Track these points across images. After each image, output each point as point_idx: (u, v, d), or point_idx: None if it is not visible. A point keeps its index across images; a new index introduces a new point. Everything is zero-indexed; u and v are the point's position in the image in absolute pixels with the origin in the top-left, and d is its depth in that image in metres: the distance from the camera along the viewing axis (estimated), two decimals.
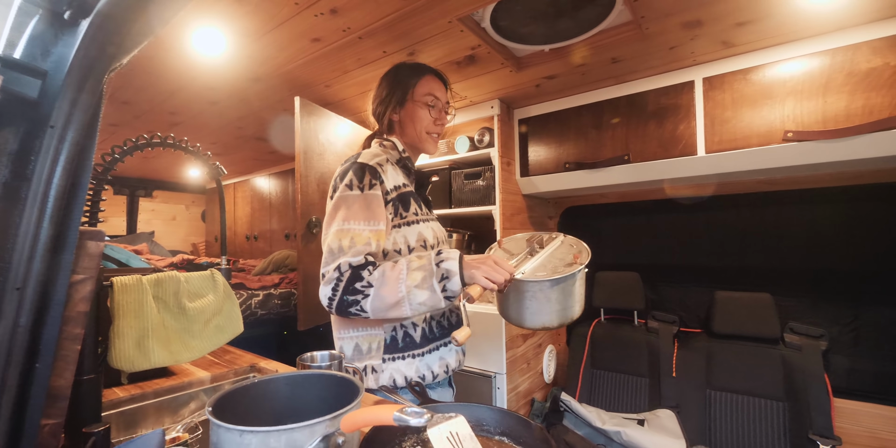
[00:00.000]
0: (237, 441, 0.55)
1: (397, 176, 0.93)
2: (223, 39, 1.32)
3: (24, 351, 0.50)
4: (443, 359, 0.94)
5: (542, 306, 0.91)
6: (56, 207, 0.53)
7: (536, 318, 0.92)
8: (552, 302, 0.91)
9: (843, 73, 1.29)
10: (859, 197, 1.69)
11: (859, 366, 1.71)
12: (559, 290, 0.91)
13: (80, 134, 0.56)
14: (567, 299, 0.92)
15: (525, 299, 0.92)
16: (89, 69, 0.55)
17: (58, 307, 0.52)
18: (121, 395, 1.04)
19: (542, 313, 0.91)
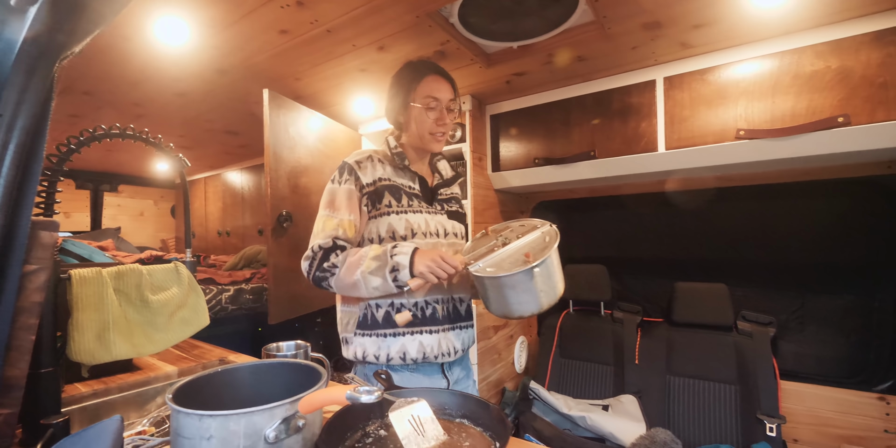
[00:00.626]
0: (196, 425, 0.56)
1: (377, 171, 0.99)
2: (186, 29, 1.29)
3: None
4: (403, 346, 0.97)
5: (520, 295, 0.91)
6: (5, 197, 0.53)
7: (519, 308, 0.93)
8: (528, 290, 0.91)
9: (790, 76, 1.38)
10: (807, 193, 1.81)
11: (804, 350, 1.84)
12: (526, 280, 0.90)
13: (29, 122, 0.56)
14: (545, 282, 0.93)
15: (495, 291, 0.93)
16: (38, 57, 0.54)
17: (9, 297, 0.52)
18: (83, 390, 1.03)
19: (524, 302, 0.92)
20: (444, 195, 1.08)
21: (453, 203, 1.10)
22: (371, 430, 0.79)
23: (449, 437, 0.76)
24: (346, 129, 2.14)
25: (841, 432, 1.69)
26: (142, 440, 0.67)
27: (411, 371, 1.03)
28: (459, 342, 1.04)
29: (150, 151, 2.96)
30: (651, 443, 1.59)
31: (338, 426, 0.74)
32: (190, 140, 2.58)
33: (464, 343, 1.06)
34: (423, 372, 1.03)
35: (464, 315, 1.06)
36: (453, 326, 1.03)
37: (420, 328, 0.98)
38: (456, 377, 1.08)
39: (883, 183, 1.65)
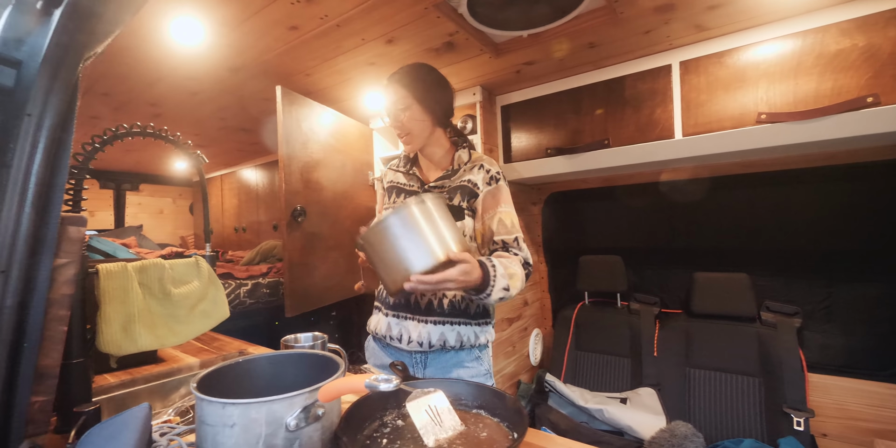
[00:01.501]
0: (220, 413, 0.58)
1: (389, 176, 1.17)
2: (201, 28, 1.31)
3: (11, 331, 0.52)
4: (372, 319, 1.13)
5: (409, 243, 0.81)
6: (37, 193, 0.55)
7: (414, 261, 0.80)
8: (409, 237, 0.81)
9: (813, 55, 1.32)
10: (832, 178, 1.74)
11: (831, 341, 1.78)
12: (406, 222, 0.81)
13: (56, 121, 0.58)
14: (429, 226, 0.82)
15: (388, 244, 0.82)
16: (63, 57, 0.56)
17: (42, 290, 0.54)
18: (111, 380, 1.06)
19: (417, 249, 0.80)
20: (440, 189, 1.08)
21: (446, 195, 1.08)
22: (388, 420, 0.80)
23: (466, 428, 0.76)
24: (358, 123, 2.15)
25: (872, 426, 1.64)
26: (168, 428, 0.70)
27: (382, 347, 1.12)
28: (417, 333, 1.02)
29: (169, 150, 3.03)
30: (671, 436, 1.57)
31: (356, 415, 0.75)
32: (205, 138, 2.63)
33: (431, 337, 1.02)
34: (391, 354, 1.10)
35: (435, 309, 1.03)
36: (412, 317, 1.04)
37: (380, 307, 1.12)
38: (430, 373, 1.06)
39: None
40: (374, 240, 0.84)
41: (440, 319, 1.05)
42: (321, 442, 0.63)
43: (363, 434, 0.74)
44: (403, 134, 1.05)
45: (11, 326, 0.53)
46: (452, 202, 1.04)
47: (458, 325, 1.05)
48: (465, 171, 1.08)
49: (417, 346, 1.04)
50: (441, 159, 1.12)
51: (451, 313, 1.04)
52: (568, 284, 2.40)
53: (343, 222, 1.97)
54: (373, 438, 0.74)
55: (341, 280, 1.93)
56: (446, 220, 0.86)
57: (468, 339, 1.05)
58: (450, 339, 1.03)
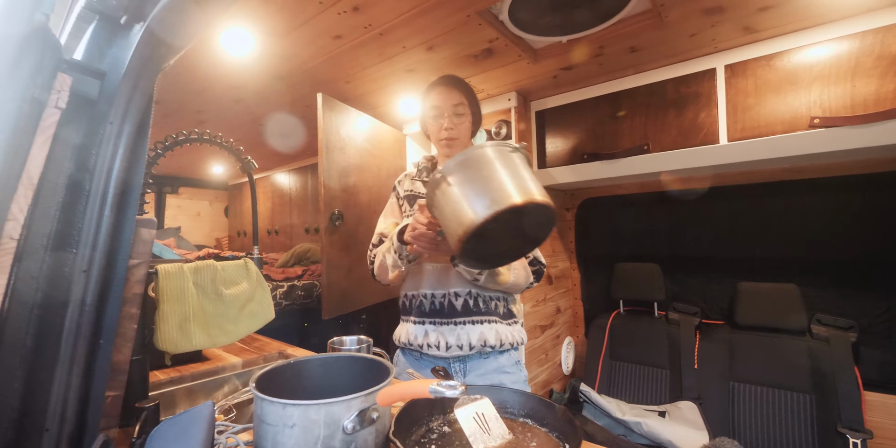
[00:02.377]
0: (280, 413, 0.59)
1: (406, 185, 1.18)
2: (251, 39, 1.36)
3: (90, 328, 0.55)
4: (400, 330, 1.13)
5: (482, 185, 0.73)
6: (116, 197, 0.58)
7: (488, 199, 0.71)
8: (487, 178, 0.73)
9: (873, 57, 1.26)
10: (891, 184, 1.64)
11: (891, 358, 1.67)
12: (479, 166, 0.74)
13: (134, 129, 0.61)
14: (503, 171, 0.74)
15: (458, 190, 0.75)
16: (143, 69, 0.59)
17: (118, 288, 0.57)
18: (161, 377, 1.10)
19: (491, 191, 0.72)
20: None
21: None
22: (434, 426, 0.79)
23: (514, 436, 0.75)
24: (392, 129, 2.18)
25: None
26: (224, 426, 0.72)
27: (417, 359, 1.11)
28: (455, 337, 1.02)
29: (208, 155, 3.15)
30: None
31: (405, 420, 0.75)
32: (243, 143, 2.72)
33: (471, 338, 1.01)
34: (426, 365, 1.09)
35: (459, 310, 1.04)
36: (448, 321, 1.04)
37: (409, 317, 1.11)
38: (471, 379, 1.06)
39: None
40: (467, 168, 0.75)
41: (477, 319, 1.05)
42: (375, 445, 0.63)
43: (411, 439, 0.74)
44: (452, 138, 1.06)
45: (90, 323, 0.56)
46: None
47: (495, 323, 1.06)
48: None
49: (458, 350, 1.03)
50: None
51: (485, 312, 1.06)
52: (602, 292, 2.35)
53: None
54: (421, 444, 0.74)
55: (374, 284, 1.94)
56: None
57: (507, 338, 1.05)
58: (490, 338, 1.04)
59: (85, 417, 0.53)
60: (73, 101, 0.58)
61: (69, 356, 0.52)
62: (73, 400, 0.52)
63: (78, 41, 0.67)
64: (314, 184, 3.24)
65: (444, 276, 1.08)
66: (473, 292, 1.06)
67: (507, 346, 1.06)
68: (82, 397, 0.54)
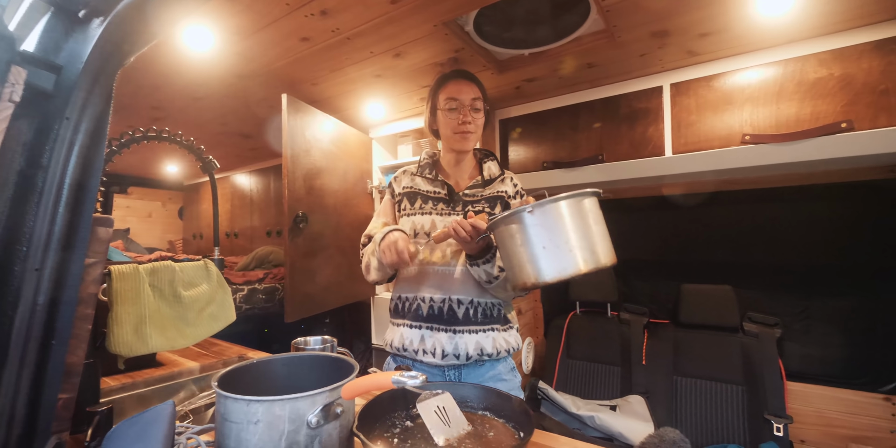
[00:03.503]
0: (244, 410, 0.60)
1: (405, 181, 1.15)
2: (212, 37, 1.34)
3: (41, 328, 0.53)
4: (393, 334, 1.09)
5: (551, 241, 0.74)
6: (71, 194, 0.57)
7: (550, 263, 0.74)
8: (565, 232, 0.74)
9: (794, 82, 1.42)
10: (810, 196, 1.85)
11: (810, 351, 1.87)
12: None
13: (92, 125, 0.60)
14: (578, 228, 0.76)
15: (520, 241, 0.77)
16: (104, 65, 0.58)
17: (73, 288, 0.56)
18: (112, 384, 1.06)
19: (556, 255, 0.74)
20: (473, 197, 1.08)
21: (482, 203, 1.07)
22: (397, 420, 0.82)
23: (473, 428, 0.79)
24: (358, 133, 2.18)
25: (847, 433, 1.71)
26: (184, 427, 0.71)
27: (409, 365, 1.07)
28: (452, 346, 1.00)
29: (160, 153, 3.01)
30: (661, 442, 1.61)
31: (369, 415, 0.77)
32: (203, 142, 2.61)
33: (468, 347, 1.00)
34: (419, 369, 1.04)
35: (461, 318, 1.01)
36: (446, 329, 1.01)
37: (403, 321, 1.07)
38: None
39: (885, 186, 1.69)
40: (546, 219, 0.75)
41: (476, 328, 1.02)
42: (339, 439, 0.65)
43: (374, 433, 0.76)
44: (470, 131, 1.04)
45: (42, 323, 0.54)
46: (494, 211, 1.05)
47: (493, 332, 1.03)
48: (498, 181, 1.11)
49: (454, 359, 1.00)
50: (469, 168, 1.13)
51: (483, 321, 1.03)
52: (560, 294, 2.45)
53: (343, 229, 1.99)
54: (384, 438, 0.76)
55: (340, 286, 1.94)
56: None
57: (502, 345, 1.03)
58: (486, 347, 1.01)
59: (35, 421, 0.52)
60: (27, 95, 0.57)
61: (19, 357, 0.51)
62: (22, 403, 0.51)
63: (27, 32, 0.65)
64: (277, 186, 3.17)
65: (447, 281, 1.03)
66: (476, 301, 1.02)
67: (504, 354, 1.04)
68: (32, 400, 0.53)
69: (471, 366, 1.02)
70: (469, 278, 1.03)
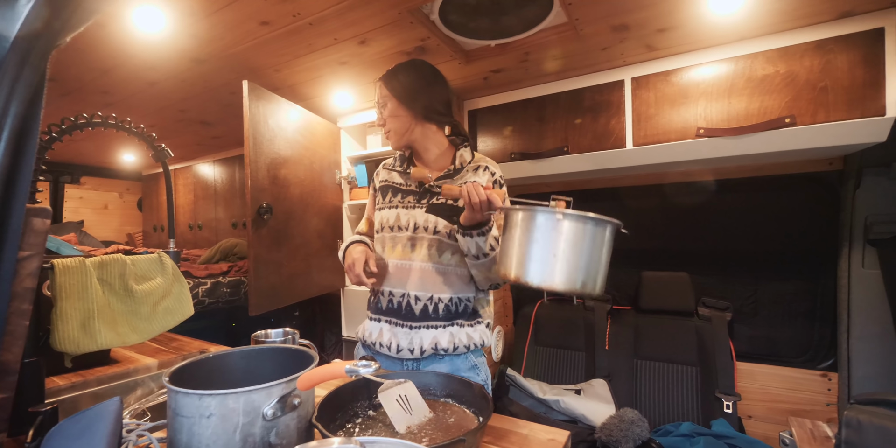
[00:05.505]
0: (196, 404, 0.59)
1: (382, 175, 1.17)
2: (163, 16, 1.27)
3: None
4: (361, 326, 1.12)
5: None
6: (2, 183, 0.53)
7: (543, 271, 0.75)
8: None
9: (744, 79, 1.49)
10: (759, 187, 1.95)
11: (757, 333, 2.00)
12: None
13: (23, 109, 0.56)
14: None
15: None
16: (33, 45, 0.55)
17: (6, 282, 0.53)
18: (61, 383, 1.02)
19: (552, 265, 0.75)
20: (440, 188, 1.06)
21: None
22: (360, 410, 0.83)
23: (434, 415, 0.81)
24: (326, 121, 2.14)
25: (789, 407, 1.85)
26: (135, 424, 0.69)
27: (373, 353, 1.08)
28: (408, 341, 1.01)
29: (116, 141, 2.85)
30: (620, 422, 1.69)
31: (329, 406, 0.77)
32: (160, 130, 2.50)
33: (423, 342, 1.00)
34: (380, 360, 1.06)
35: (430, 314, 1.02)
36: (404, 323, 1.02)
37: (368, 313, 1.11)
38: None
39: (825, 178, 1.81)
40: (571, 232, 0.77)
41: (434, 324, 1.02)
42: (297, 430, 0.65)
43: (336, 423, 0.77)
44: (385, 131, 1.07)
45: None
46: (457, 203, 1.02)
47: (451, 326, 1.02)
48: (468, 171, 1.06)
49: (409, 354, 1.01)
50: (438, 158, 1.09)
51: (445, 317, 1.02)
52: None
53: (310, 220, 1.96)
54: (346, 428, 0.77)
55: (307, 279, 1.91)
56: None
57: (461, 341, 1.02)
58: (442, 341, 1.01)
59: None
60: None
61: None
62: None
63: None
64: (242, 176, 3.07)
65: (404, 275, 1.03)
66: (436, 297, 1.02)
67: (463, 350, 1.02)
68: None
69: (428, 360, 1.02)
70: (428, 275, 1.02)
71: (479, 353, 1.08)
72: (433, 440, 0.71)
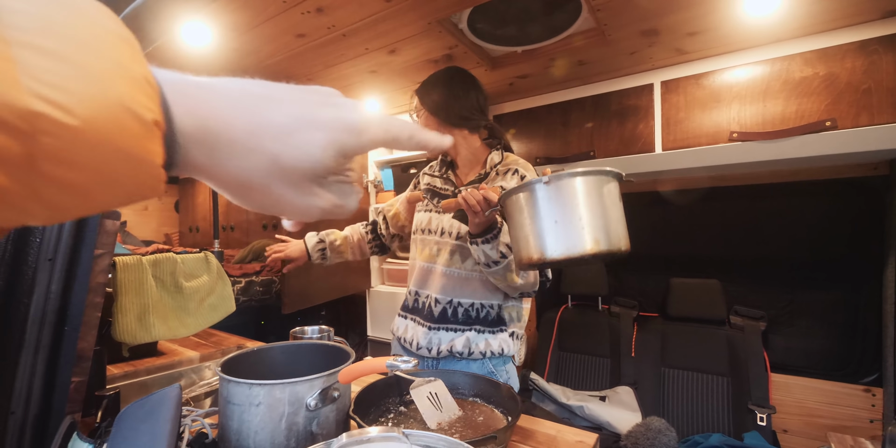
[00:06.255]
0: (246, 393, 0.63)
1: (426, 179, 1.22)
2: (210, 33, 1.36)
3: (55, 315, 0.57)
4: (398, 328, 1.15)
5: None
6: None
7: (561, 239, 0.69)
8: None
9: (780, 81, 1.45)
10: (795, 193, 1.89)
11: (793, 344, 1.92)
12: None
13: None
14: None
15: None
16: None
17: (84, 277, 0.59)
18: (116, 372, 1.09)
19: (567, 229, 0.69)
20: None
21: None
22: (391, 406, 0.86)
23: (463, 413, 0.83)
24: None
25: (828, 422, 1.77)
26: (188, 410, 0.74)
27: (404, 352, 1.12)
28: (427, 340, 1.03)
29: None
30: (646, 430, 1.66)
31: (364, 400, 0.81)
32: None
33: (441, 343, 1.02)
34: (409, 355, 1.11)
35: (450, 317, 1.04)
36: (423, 323, 1.06)
37: (399, 310, 1.16)
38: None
39: (867, 184, 1.73)
40: (561, 192, 0.71)
41: (453, 327, 1.03)
42: (336, 422, 0.69)
43: (370, 417, 0.80)
44: None
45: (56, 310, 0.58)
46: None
47: (469, 332, 1.03)
48: (497, 174, 1.06)
49: (427, 352, 1.04)
50: (472, 162, 1.12)
51: (464, 321, 1.03)
52: (552, 288, 2.50)
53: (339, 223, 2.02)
54: (379, 421, 0.80)
55: (335, 280, 1.97)
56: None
57: (477, 346, 1.02)
58: (457, 345, 1.02)
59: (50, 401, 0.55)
60: None
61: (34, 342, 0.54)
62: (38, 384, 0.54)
63: None
64: None
65: (426, 277, 1.07)
66: (456, 301, 1.03)
67: (478, 356, 1.01)
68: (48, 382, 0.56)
69: (445, 360, 1.04)
70: (450, 280, 1.04)
71: (502, 361, 1.06)
72: (463, 437, 0.73)
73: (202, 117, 0.22)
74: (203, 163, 0.22)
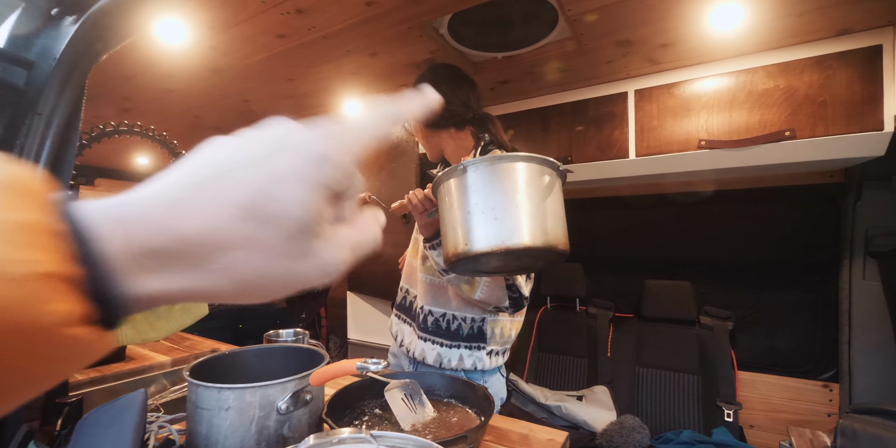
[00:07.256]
0: (216, 397, 0.63)
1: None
2: (185, 30, 1.33)
3: None
4: (391, 321, 1.17)
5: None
6: None
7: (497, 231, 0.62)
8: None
9: (745, 92, 1.52)
10: (759, 198, 1.98)
11: (759, 343, 2.01)
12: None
13: (64, 121, 0.61)
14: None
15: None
16: (77, 63, 0.60)
17: None
18: (81, 378, 1.06)
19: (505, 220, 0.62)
20: None
21: None
22: (367, 409, 0.86)
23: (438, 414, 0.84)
24: None
25: (789, 417, 1.86)
26: (155, 416, 0.73)
27: (394, 356, 1.13)
28: (410, 341, 1.03)
29: (130, 145, 2.92)
30: (621, 428, 1.71)
31: (338, 404, 0.81)
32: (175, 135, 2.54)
33: (417, 348, 1.02)
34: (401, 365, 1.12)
35: (420, 324, 1.03)
36: (405, 319, 1.10)
37: (396, 311, 1.16)
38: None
39: (825, 190, 1.83)
40: (495, 176, 0.65)
41: (422, 335, 1.03)
42: (308, 425, 0.69)
43: (344, 420, 0.80)
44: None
45: None
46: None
47: (441, 346, 1.00)
48: None
49: (407, 351, 1.06)
50: (461, 159, 1.11)
51: (434, 332, 1.01)
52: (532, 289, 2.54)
53: None
54: (354, 424, 0.80)
55: None
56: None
57: (448, 362, 0.99)
58: (429, 357, 1.01)
59: None
60: None
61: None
62: None
63: None
64: None
65: (411, 275, 1.11)
66: (429, 309, 1.01)
67: (450, 370, 0.99)
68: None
69: (424, 365, 1.05)
70: (429, 286, 1.02)
71: (480, 374, 1.02)
72: (437, 438, 0.74)
73: (151, 238, 0.18)
74: (176, 286, 0.19)
